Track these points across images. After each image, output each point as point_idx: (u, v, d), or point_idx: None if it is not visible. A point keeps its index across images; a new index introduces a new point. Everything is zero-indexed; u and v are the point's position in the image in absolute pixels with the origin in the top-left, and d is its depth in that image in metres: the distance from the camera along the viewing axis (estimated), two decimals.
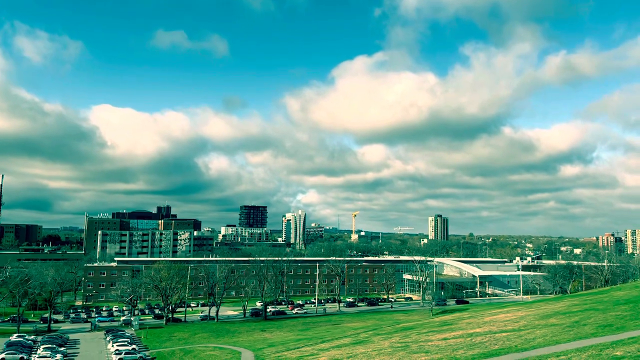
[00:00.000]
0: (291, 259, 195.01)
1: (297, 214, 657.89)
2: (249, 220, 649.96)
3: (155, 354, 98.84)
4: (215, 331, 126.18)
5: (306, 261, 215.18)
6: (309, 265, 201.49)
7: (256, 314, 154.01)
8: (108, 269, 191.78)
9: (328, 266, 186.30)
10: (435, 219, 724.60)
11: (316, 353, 63.98)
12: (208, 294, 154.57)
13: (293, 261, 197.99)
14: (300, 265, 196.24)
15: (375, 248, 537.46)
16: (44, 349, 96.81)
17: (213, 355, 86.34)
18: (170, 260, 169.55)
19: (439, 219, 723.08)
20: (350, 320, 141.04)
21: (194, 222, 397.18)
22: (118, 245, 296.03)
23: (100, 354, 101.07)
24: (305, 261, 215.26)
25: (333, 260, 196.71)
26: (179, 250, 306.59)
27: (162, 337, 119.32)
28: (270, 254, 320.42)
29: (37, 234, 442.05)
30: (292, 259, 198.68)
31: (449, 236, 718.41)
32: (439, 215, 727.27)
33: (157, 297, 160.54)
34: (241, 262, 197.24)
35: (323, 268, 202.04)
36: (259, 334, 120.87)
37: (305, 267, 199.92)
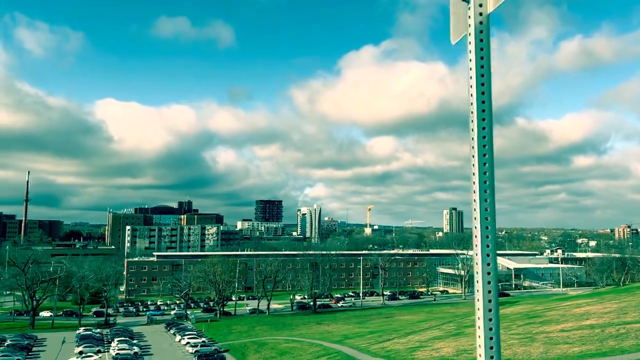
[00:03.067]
0: (339, 253, 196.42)
1: (312, 208, 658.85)
2: (264, 214, 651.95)
3: (225, 346, 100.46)
4: (272, 324, 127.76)
5: (351, 255, 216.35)
6: (349, 259, 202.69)
7: (302, 307, 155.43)
8: (149, 264, 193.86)
9: (371, 260, 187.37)
10: (450, 212, 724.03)
11: (428, 345, 64.89)
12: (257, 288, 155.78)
13: (341, 255, 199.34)
14: (336, 258, 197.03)
15: (390, 241, 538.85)
16: (119, 342, 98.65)
17: (294, 347, 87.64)
18: (223, 255, 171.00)
19: (454, 212, 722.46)
20: (401, 313, 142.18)
21: (216, 217, 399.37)
22: (147, 240, 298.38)
23: (172, 347, 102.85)
24: (350, 255, 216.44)
25: (376, 254, 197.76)
26: (207, 244, 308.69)
27: (221, 330, 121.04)
28: (294, 248, 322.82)
29: (59, 230, 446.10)
30: (340, 253, 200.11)
31: (464, 229, 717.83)
32: (453, 209, 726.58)
33: (203, 291, 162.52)
34: (290, 255, 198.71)
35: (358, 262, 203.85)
36: (317, 326, 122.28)
37: (340, 260, 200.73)
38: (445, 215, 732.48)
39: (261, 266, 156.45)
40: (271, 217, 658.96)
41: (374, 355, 62.99)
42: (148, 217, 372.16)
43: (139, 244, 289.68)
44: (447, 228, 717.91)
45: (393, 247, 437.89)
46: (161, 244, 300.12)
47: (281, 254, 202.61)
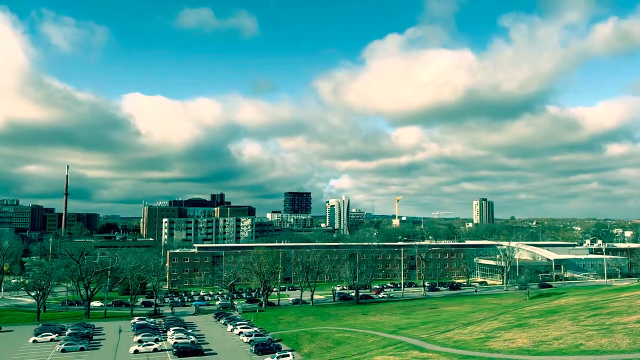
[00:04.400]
0: (381, 244, 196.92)
1: (340, 199, 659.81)
2: (293, 206, 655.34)
3: (277, 336, 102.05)
4: (318, 314, 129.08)
5: (391, 246, 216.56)
6: (386, 250, 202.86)
7: (344, 298, 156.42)
8: (190, 255, 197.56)
9: (410, 251, 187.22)
10: (480, 203, 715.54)
11: (495, 336, 64.91)
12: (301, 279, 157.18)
13: (384, 246, 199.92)
14: (378, 249, 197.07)
15: (420, 233, 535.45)
16: (175, 331, 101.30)
17: (349, 337, 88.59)
18: (268, 246, 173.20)
19: (484, 203, 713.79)
20: (445, 304, 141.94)
21: (248, 209, 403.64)
22: (184, 232, 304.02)
23: (224, 336, 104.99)
24: (391, 246, 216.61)
25: (417, 246, 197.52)
26: (242, 236, 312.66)
27: (269, 320, 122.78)
28: (326, 240, 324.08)
29: (96, 222, 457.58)
30: (383, 244, 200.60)
31: (494, 220, 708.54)
32: (483, 199, 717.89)
33: (244, 282, 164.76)
34: (332, 247, 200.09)
35: (394, 253, 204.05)
36: (363, 317, 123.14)
37: (377, 252, 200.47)
38: (475, 206, 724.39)
39: (303, 257, 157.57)
40: (300, 209, 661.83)
41: (442, 346, 63.33)
42: (182, 210, 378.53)
43: (176, 236, 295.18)
44: (477, 219, 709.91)
45: (423, 239, 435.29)
46: (197, 235, 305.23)
47: (323, 245, 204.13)
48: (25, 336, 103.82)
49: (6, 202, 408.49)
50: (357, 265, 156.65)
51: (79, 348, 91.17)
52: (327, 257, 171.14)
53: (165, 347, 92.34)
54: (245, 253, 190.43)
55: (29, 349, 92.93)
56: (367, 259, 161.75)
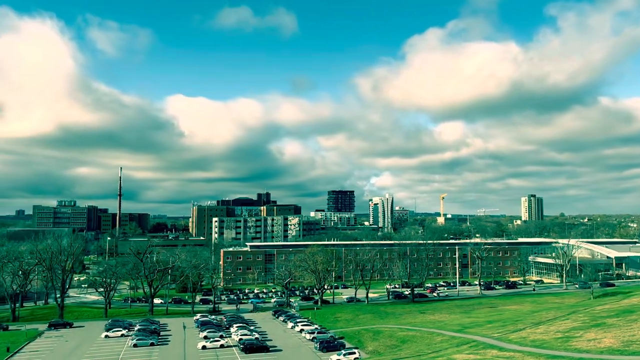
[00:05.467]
0: (436, 242, 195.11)
1: (384, 197, 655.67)
2: (337, 204, 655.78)
3: (337, 333, 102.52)
4: (374, 313, 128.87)
5: (446, 244, 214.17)
6: (439, 248, 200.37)
7: (398, 296, 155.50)
8: (243, 254, 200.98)
9: (463, 249, 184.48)
10: (528, 199, 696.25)
11: (575, 336, 63.20)
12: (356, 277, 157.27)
13: (439, 244, 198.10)
14: (433, 247, 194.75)
15: (467, 230, 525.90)
16: (238, 328, 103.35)
17: (414, 336, 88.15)
18: (322, 244, 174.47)
19: (533, 199, 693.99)
20: (503, 303, 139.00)
21: (294, 208, 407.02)
22: (234, 231, 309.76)
23: (285, 333, 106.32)
24: (445, 244, 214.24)
25: (472, 244, 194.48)
26: (289, 235, 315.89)
27: (327, 318, 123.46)
28: (372, 238, 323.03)
29: (146, 222, 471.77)
30: (437, 242, 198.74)
31: (544, 217, 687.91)
32: (532, 195, 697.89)
33: (296, 280, 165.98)
34: (387, 245, 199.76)
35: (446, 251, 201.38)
36: (422, 316, 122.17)
37: (432, 250, 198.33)
38: (523, 203, 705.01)
39: (359, 255, 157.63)
40: (343, 207, 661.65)
41: (520, 345, 62.16)
42: (230, 209, 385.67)
43: (226, 235, 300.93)
44: (526, 216, 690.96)
45: (469, 237, 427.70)
46: (246, 234, 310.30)
47: (377, 244, 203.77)
48: (96, 331, 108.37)
49: (64, 204, 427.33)
50: (411, 263, 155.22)
51: (150, 343, 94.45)
52: (377, 255, 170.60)
53: (230, 344, 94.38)
54: (297, 251, 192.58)
55: (103, 344, 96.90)
56: (422, 258, 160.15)
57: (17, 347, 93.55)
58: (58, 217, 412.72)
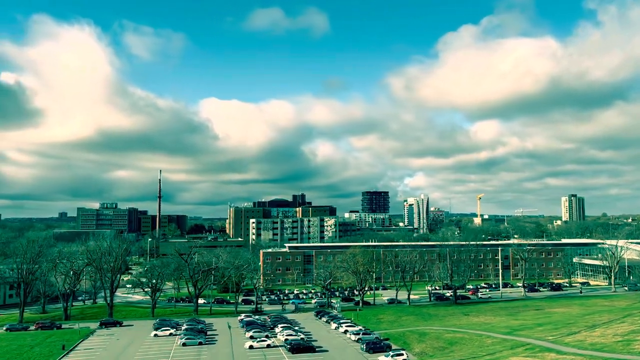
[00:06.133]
0: (479, 243, 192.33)
1: (419, 198, 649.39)
2: (371, 205, 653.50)
3: (383, 335, 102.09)
4: (417, 314, 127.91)
5: (489, 245, 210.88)
6: (479, 249, 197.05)
7: (440, 298, 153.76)
8: (282, 254, 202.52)
9: (505, 250, 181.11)
10: (569, 199, 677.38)
11: (635, 339, 61.36)
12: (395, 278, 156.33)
13: (482, 245, 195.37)
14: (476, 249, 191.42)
15: (505, 231, 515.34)
16: (283, 328, 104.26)
17: (462, 338, 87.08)
18: (363, 246, 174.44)
19: (574, 199, 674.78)
20: (550, 305, 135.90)
21: (329, 209, 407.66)
22: (271, 232, 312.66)
23: (329, 334, 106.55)
24: (489, 245, 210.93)
25: (516, 245, 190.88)
26: (326, 236, 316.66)
27: (370, 319, 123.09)
28: (409, 239, 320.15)
29: (185, 224, 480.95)
30: (480, 243, 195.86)
31: (585, 217, 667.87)
32: (573, 195, 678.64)
33: (335, 281, 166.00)
34: (427, 246, 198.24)
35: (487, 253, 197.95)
36: (466, 318, 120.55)
37: (474, 251, 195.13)
38: (563, 203, 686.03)
39: (400, 257, 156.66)
40: (377, 208, 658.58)
41: (579, 348, 60.69)
42: (266, 210, 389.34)
43: (264, 236, 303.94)
44: (566, 216, 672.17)
45: (508, 237, 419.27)
46: (283, 235, 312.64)
47: (417, 245, 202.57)
48: (144, 330, 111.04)
49: (106, 206, 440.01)
50: (454, 264, 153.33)
51: (198, 342, 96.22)
52: (417, 256, 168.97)
53: (277, 344, 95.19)
54: (335, 252, 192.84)
55: (153, 342, 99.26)
56: (465, 259, 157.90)
57: (71, 345, 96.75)
58: (101, 219, 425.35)
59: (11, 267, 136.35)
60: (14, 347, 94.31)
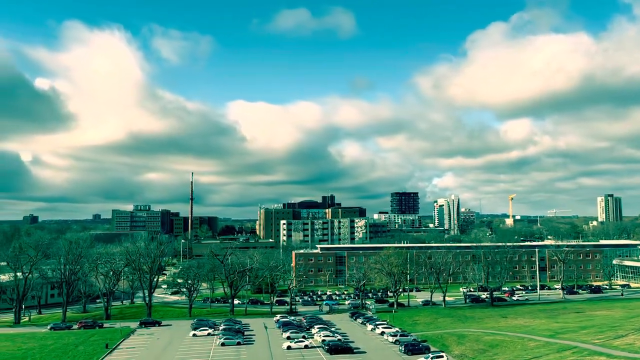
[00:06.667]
0: (515, 245, 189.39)
1: (449, 199, 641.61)
2: (400, 206, 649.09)
3: (420, 337, 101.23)
4: (453, 317, 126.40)
5: (526, 246, 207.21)
6: (515, 250, 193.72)
7: (475, 299, 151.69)
8: (314, 256, 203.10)
9: (549, 252, 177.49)
10: (605, 199, 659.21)
11: None
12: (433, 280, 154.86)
13: (519, 246, 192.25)
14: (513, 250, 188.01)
15: (538, 232, 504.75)
16: (319, 329, 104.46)
17: (503, 341, 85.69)
18: (396, 247, 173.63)
19: (610, 199, 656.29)
20: (590, 308, 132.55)
21: (359, 210, 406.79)
22: (301, 234, 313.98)
23: (366, 335, 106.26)
24: (525, 246, 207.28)
25: (554, 246, 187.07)
26: (356, 237, 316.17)
27: (405, 320, 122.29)
28: (441, 240, 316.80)
29: (216, 225, 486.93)
30: (516, 245, 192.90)
31: (623, 217, 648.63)
32: (609, 195, 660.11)
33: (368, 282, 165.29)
34: (463, 247, 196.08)
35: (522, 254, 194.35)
36: (504, 320, 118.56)
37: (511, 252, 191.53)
38: (599, 203, 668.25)
39: (434, 258, 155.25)
40: (407, 209, 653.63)
41: (630, 352, 59.03)
42: (296, 212, 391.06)
43: (294, 237, 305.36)
44: (602, 217, 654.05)
45: (541, 238, 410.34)
46: (314, 236, 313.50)
47: (452, 246, 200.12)
48: (183, 330, 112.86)
49: (140, 208, 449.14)
50: (489, 266, 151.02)
51: (236, 342, 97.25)
52: (450, 258, 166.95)
53: (314, 344, 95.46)
54: (367, 254, 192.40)
55: (192, 342, 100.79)
56: (500, 260, 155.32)
57: (114, 343, 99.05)
58: (135, 220, 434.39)
59: (53, 267, 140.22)
60: (60, 345, 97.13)
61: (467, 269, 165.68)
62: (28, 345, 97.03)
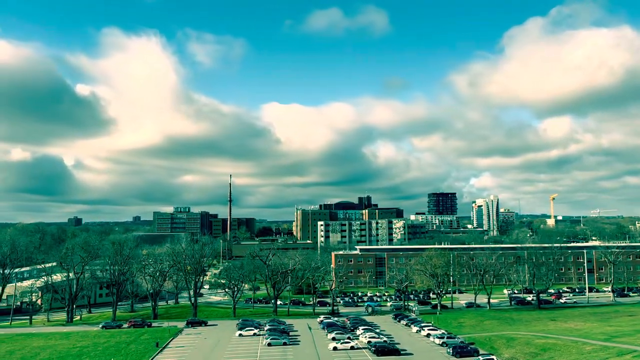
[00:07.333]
0: (563, 246, 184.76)
1: (488, 199, 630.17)
2: (438, 207, 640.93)
3: (467, 339, 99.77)
4: (500, 319, 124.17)
5: (574, 247, 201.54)
6: (561, 252, 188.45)
7: (521, 302, 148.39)
8: (354, 257, 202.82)
9: (598, 253, 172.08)
10: None
11: None
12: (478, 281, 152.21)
13: (567, 248, 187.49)
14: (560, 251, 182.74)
15: (582, 233, 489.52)
16: (364, 330, 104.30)
17: (555, 344, 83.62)
18: (438, 248, 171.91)
19: None
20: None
21: (396, 211, 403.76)
22: (339, 235, 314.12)
23: (411, 337, 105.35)
24: (573, 248, 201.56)
25: (603, 247, 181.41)
26: (394, 238, 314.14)
27: (450, 323, 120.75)
28: (481, 241, 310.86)
29: (254, 226, 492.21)
30: (564, 246, 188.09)
31: None
32: None
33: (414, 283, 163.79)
34: (508, 249, 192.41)
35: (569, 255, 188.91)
36: (553, 323, 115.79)
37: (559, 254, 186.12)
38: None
39: (477, 260, 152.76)
40: (444, 210, 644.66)
41: None
42: (333, 213, 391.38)
43: (332, 239, 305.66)
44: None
45: (585, 239, 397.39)
46: (351, 238, 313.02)
47: (496, 247, 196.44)
48: (229, 330, 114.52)
49: (180, 210, 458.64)
50: (536, 268, 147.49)
51: (282, 343, 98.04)
52: (493, 259, 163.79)
53: (360, 346, 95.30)
54: (407, 255, 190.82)
55: (239, 341, 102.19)
56: (547, 262, 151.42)
57: (163, 342, 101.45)
58: (175, 222, 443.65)
59: (102, 268, 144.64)
60: (112, 343, 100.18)
61: (510, 271, 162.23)
62: (82, 343, 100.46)
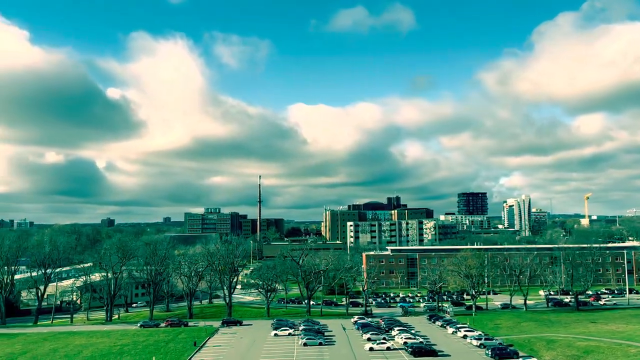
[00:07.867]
0: (602, 246, 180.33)
1: (520, 199, 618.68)
2: (468, 207, 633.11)
3: (505, 341, 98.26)
4: (537, 321, 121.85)
5: (614, 248, 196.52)
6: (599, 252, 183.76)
7: (558, 303, 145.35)
8: (385, 257, 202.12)
9: (636, 254, 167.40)
10: None
11: None
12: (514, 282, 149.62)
13: (606, 248, 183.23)
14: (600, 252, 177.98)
15: (618, 233, 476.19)
16: (399, 331, 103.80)
17: (598, 347, 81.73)
18: (472, 249, 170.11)
19: None
20: None
21: (425, 211, 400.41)
22: (369, 235, 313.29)
23: (447, 338, 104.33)
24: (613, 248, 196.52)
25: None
26: (425, 238, 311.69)
27: (486, 324, 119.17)
28: (514, 241, 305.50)
29: (283, 227, 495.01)
30: (603, 246, 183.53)
31: None
32: None
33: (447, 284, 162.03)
34: (544, 249, 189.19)
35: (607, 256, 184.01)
36: (593, 325, 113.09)
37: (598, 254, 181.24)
38: None
39: (512, 260, 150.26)
40: (475, 210, 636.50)
41: None
42: (362, 213, 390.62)
43: (362, 239, 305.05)
44: None
45: (622, 239, 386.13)
46: (381, 238, 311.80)
47: (531, 248, 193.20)
48: (263, 330, 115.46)
49: (210, 211, 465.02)
50: (574, 269, 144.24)
51: (318, 343, 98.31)
52: (528, 260, 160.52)
53: (396, 346, 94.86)
54: (440, 255, 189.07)
55: (274, 341, 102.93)
56: (587, 263, 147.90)
57: (200, 341, 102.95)
58: (206, 223, 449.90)
59: (139, 268, 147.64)
60: (152, 342, 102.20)
61: (546, 272, 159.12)
62: (123, 342, 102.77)
